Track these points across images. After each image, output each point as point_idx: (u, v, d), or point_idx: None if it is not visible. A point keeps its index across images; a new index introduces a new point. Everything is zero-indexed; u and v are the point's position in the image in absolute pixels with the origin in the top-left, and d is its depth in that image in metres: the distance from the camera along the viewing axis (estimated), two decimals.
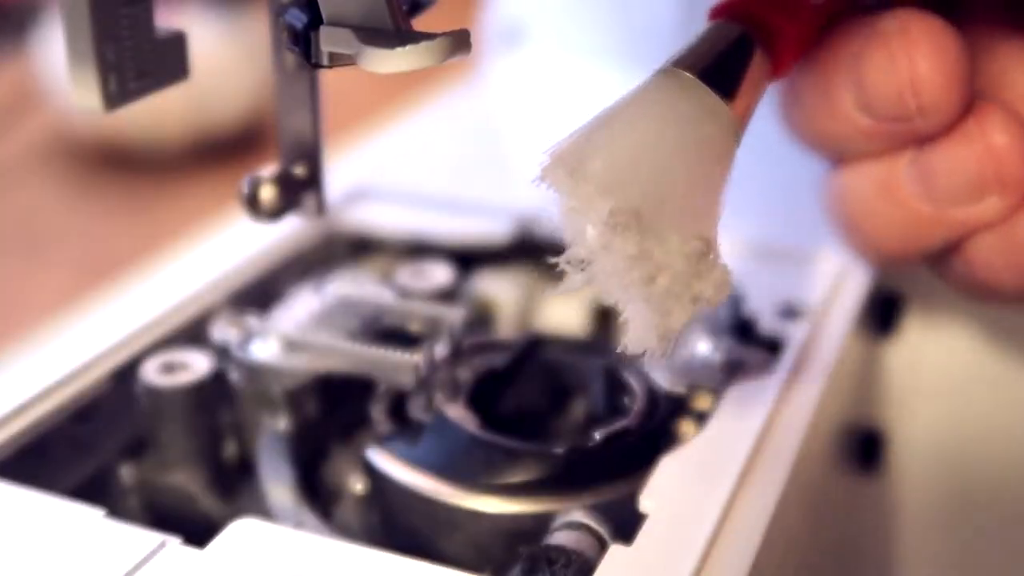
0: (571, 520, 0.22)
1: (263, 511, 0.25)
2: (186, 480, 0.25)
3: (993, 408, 0.32)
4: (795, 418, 0.24)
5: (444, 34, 0.19)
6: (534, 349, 0.27)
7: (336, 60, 0.22)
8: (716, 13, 0.23)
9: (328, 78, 0.26)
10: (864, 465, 0.34)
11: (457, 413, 0.24)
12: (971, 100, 0.24)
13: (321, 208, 0.27)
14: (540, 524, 0.22)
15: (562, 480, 0.22)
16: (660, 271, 0.19)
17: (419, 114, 0.43)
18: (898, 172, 0.25)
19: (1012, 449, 0.32)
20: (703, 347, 0.27)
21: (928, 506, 0.34)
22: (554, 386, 0.27)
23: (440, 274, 0.30)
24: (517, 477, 0.23)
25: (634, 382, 0.26)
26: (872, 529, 0.35)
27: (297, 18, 0.23)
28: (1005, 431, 0.32)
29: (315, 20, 0.22)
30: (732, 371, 0.26)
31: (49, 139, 0.76)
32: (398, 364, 0.24)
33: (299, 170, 0.27)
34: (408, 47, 0.19)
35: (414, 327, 0.27)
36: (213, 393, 0.25)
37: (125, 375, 0.26)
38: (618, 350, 0.20)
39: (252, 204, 0.26)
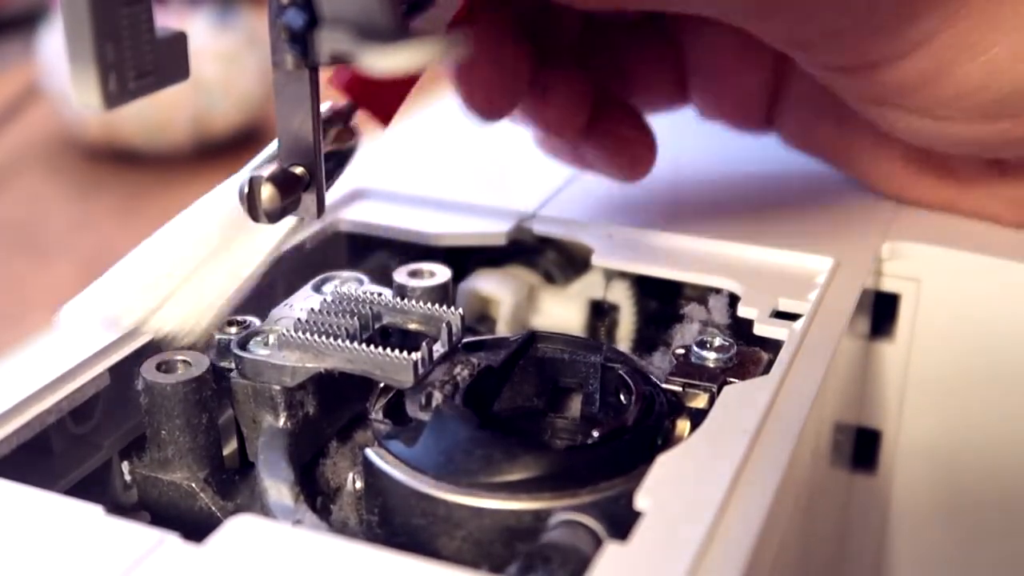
0: (568, 518, 0.22)
1: (262, 509, 0.25)
2: (185, 477, 0.25)
3: (987, 407, 0.32)
4: (791, 417, 0.24)
5: (441, 34, 0.20)
6: (531, 346, 0.27)
7: (335, 60, 0.22)
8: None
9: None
10: (860, 464, 0.34)
11: (455, 411, 0.24)
12: None
13: (320, 208, 0.27)
14: (537, 521, 0.22)
15: (559, 478, 0.23)
16: None
17: (418, 114, 0.43)
18: None
19: (1007, 448, 0.32)
20: (699, 346, 0.27)
21: (923, 505, 0.34)
22: (551, 384, 0.27)
23: (438, 274, 0.30)
24: (515, 475, 0.23)
25: (631, 380, 0.26)
26: (867, 528, 0.35)
27: (296, 18, 0.23)
28: (1000, 430, 0.32)
29: (313, 20, 0.23)
30: (728, 370, 0.26)
31: (53, 138, 0.76)
32: (397, 363, 0.24)
33: (298, 170, 0.27)
34: (406, 46, 0.19)
35: (412, 326, 0.27)
36: (212, 391, 0.25)
37: (125, 372, 0.26)
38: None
39: (251, 204, 0.26)
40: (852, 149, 0.35)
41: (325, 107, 0.27)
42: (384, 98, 0.29)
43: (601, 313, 0.33)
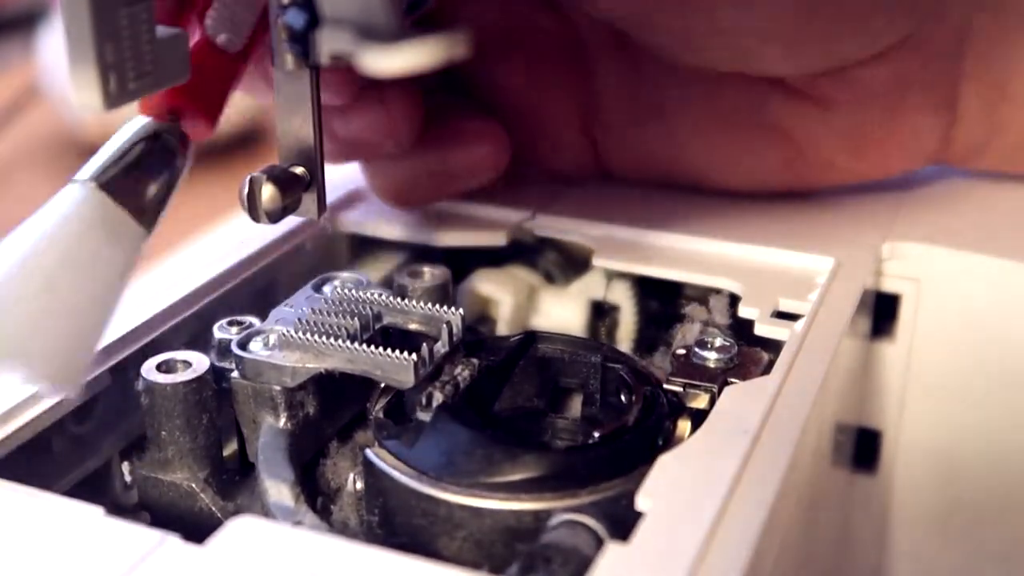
0: (569, 518, 0.22)
1: (262, 509, 0.25)
2: (185, 478, 0.25)
3: (988, 407, 0.32)
4: (791, 417, 0.24)
5: (442, 34, 0.20)
6: (531, 346, 0.27)
7: (335, 60, 0.22)
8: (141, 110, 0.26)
9: None
10: (860, 464, 0.34)
11: (455, 412, 0.24)
12: None
13: (321, 208, 0.27)
14: (538, 522, 0.22)
15: (560, 478, 0.23)
16: None
17: None
18: None
19: (1007, 448, 0.32)
20: (700, 347, 0.27)
21: (924, 505, 0.34)
22: (552, 384, 0.27)
23: (438, 274, 0.30)
24: (516, 475, 0.23)
25: (631, 380, 0.26)
26: (868, 527, 0.35)
27: (296, 18, 0.23)
28: (1000, 430, 0.32)
29: (314, 20, 0.23)
30: (729, 371, 0.26)
31: (53, 138, 0.76)
32: (397, 363, 0.24)
33: (298, 170, 0.27)
34: (406, 46, 0.19)
35: (413, 326, 0.27)
36: (213, 391, 0.25)
37: (125, 373, 0.26)
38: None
39: (251, 205, 0.26)
40: (693, 150, 0.34)
41: (144, 126, 0.25)
42: (209, 96, 0.26)
43: (601, 313, 0.33)
